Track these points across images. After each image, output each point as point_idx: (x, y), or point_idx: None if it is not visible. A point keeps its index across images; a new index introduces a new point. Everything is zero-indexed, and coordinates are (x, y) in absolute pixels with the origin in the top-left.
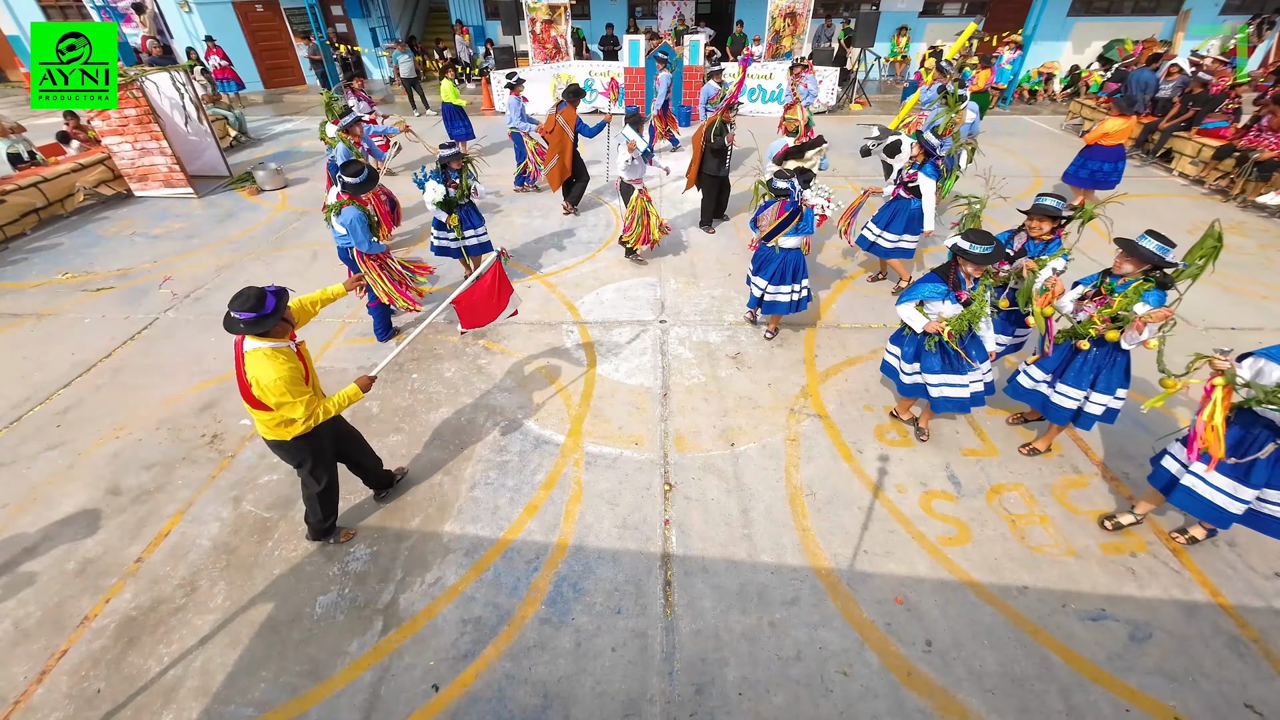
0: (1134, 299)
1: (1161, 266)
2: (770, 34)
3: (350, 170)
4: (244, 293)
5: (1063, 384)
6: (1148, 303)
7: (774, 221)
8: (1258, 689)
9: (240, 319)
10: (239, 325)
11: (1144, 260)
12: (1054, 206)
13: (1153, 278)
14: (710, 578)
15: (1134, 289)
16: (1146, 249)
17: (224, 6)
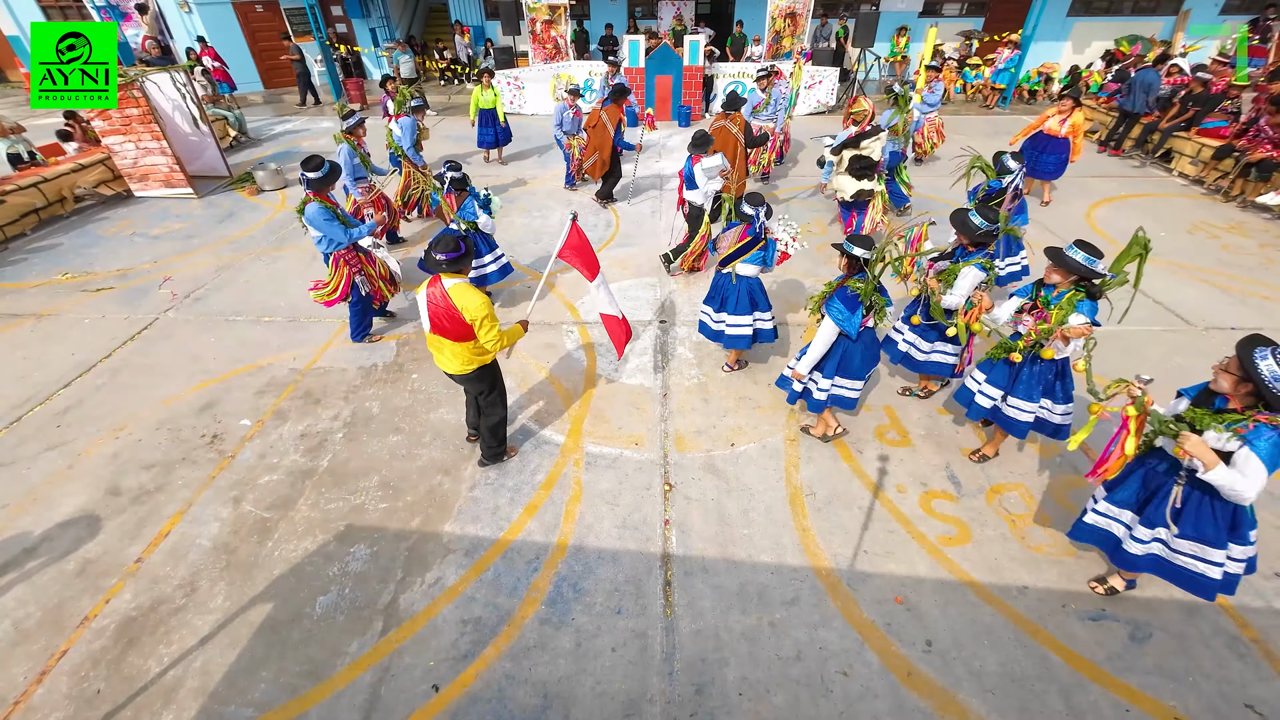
0: (1068, 310)
1: (1089, 278)
2: (770, 34)
3: (310, 165)
4: (443, 238)
5: (1014, 397)
6: (1081, 313)
7: (733, 245)
8: (1258, 689)
9: (443, 259)
10: (441, 265)
11: (1071, 271)
12: (976, 222)
13: (1083, 288)
14: (710, 578)
15: (1067, 300)
16: (1073, 260)
17: (224, 7)
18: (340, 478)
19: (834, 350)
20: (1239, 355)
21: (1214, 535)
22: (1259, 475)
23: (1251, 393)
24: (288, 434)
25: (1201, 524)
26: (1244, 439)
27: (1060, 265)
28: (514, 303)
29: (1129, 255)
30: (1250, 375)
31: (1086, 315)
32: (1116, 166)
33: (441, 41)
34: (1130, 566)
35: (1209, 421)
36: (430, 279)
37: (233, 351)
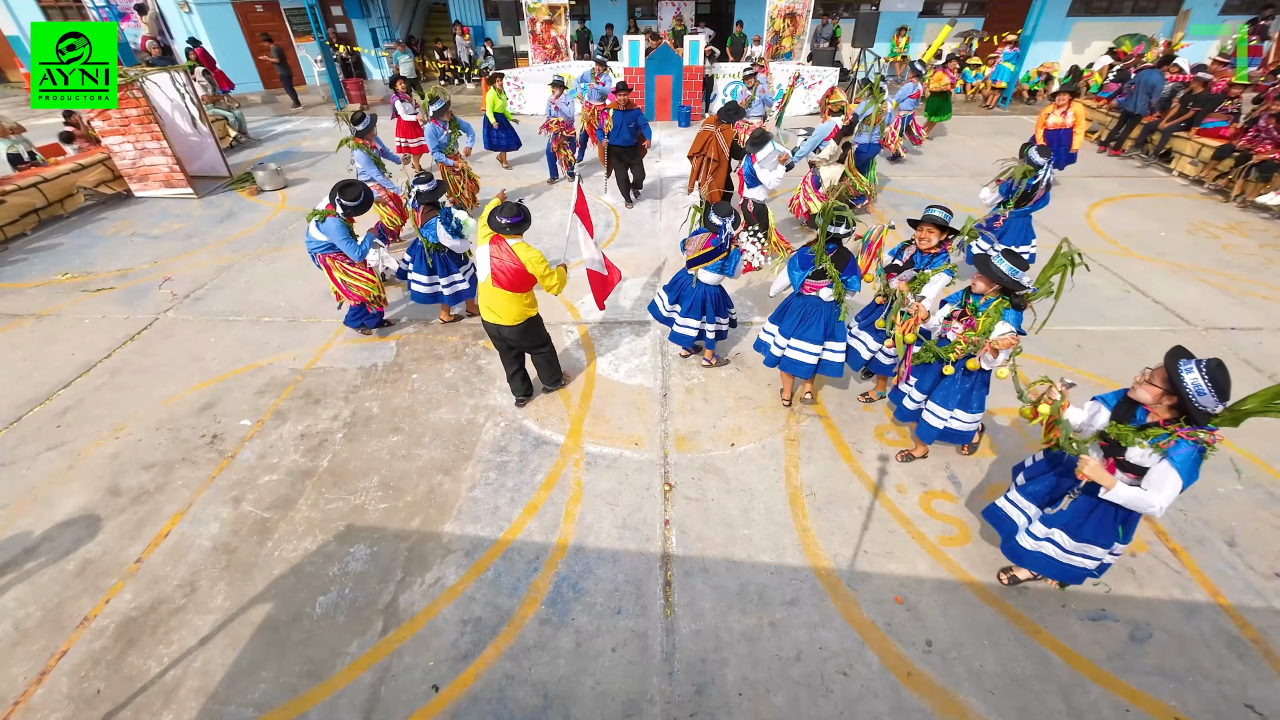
0: (994, 319)
1: (1012, 289)
2: (770, 34)
3: (349, 195)
4: (508, 205)
5: (932, 401)
6: (1007, 322)
7: (698, 251)
8: (1258, 689)
9: (507, 223)
10: (505, 228)
11: (995, 280)
12: (942, 217)
13: (1008, 297)
14: (710, 578)
15: (994, 308)
16: (997, 269)
17: (224, 7)
18: (340, 478)
19: (790, 308)
20: (1166, 367)
21: (1107, 539)
22: (1174, 490)
23: (1174, 405)
24: (288, 434)
25: (1101, 530)
26: (1165, 454)
27: (985, 273)
28: None
29: (1054, 266)
30: (1175, 388)
31: (1011, 324)
32: (1116, 166)
33: (441, 41)
34: (1017, 560)
35: (1133, 438)
36: (493, 237)
37: (233, 351)
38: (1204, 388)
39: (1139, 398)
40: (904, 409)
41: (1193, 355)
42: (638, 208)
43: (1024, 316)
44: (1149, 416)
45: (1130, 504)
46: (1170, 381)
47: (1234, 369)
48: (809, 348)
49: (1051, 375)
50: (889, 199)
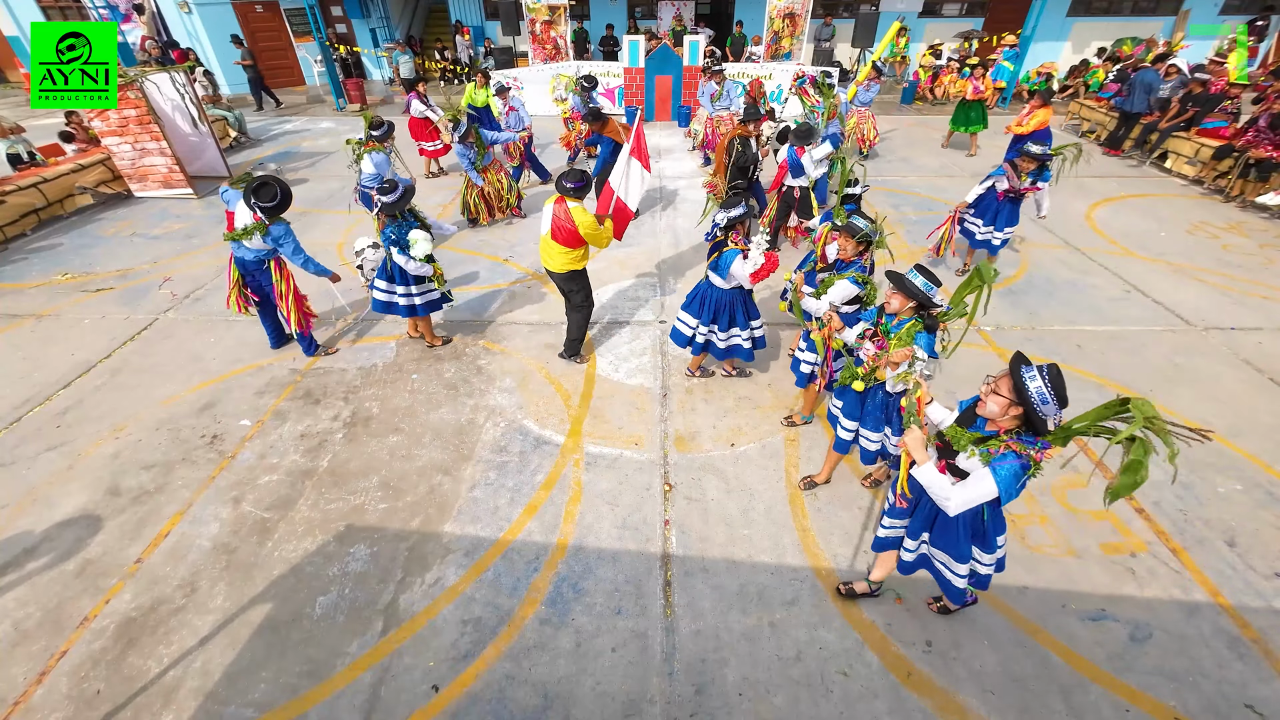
0: (906, 341)
1: (926, 305)
2: (769, 34)
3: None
4: (572, 171)
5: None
6: (918, 345)
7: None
8: (1258, 689)
9: (570, 186)
10: (569, 190)
11: (909, 295)
12: (860, 226)
13: (921, 318)
14: (710, 578)
15: (906, 330)
16: (912, 284)
17: (224, 7)
18: (340, 478)
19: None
20: (1011, 375)
21: (958, 550)
22: (980, 495)
23: (1019, 416)
24: (287, 434)
25: (948, 537)
26: (989, 463)
27: (900, 289)
28: (513, 304)
29: (969, 286)
30: (1021, 397)
31: (923, 347)
32: (1116, 167)
33: (441, 42)
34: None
35: (965, 443)
36: (557, 198)
37: (233, 351)
38: (1046, 395)
39: (987, 412)
40: (841, 440)
41: (1032, 362)
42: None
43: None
44: (988, 425)
45: (929, 487)
46: (1016, 390)
47: (1234, 369)
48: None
49: None
50: (889, 199)
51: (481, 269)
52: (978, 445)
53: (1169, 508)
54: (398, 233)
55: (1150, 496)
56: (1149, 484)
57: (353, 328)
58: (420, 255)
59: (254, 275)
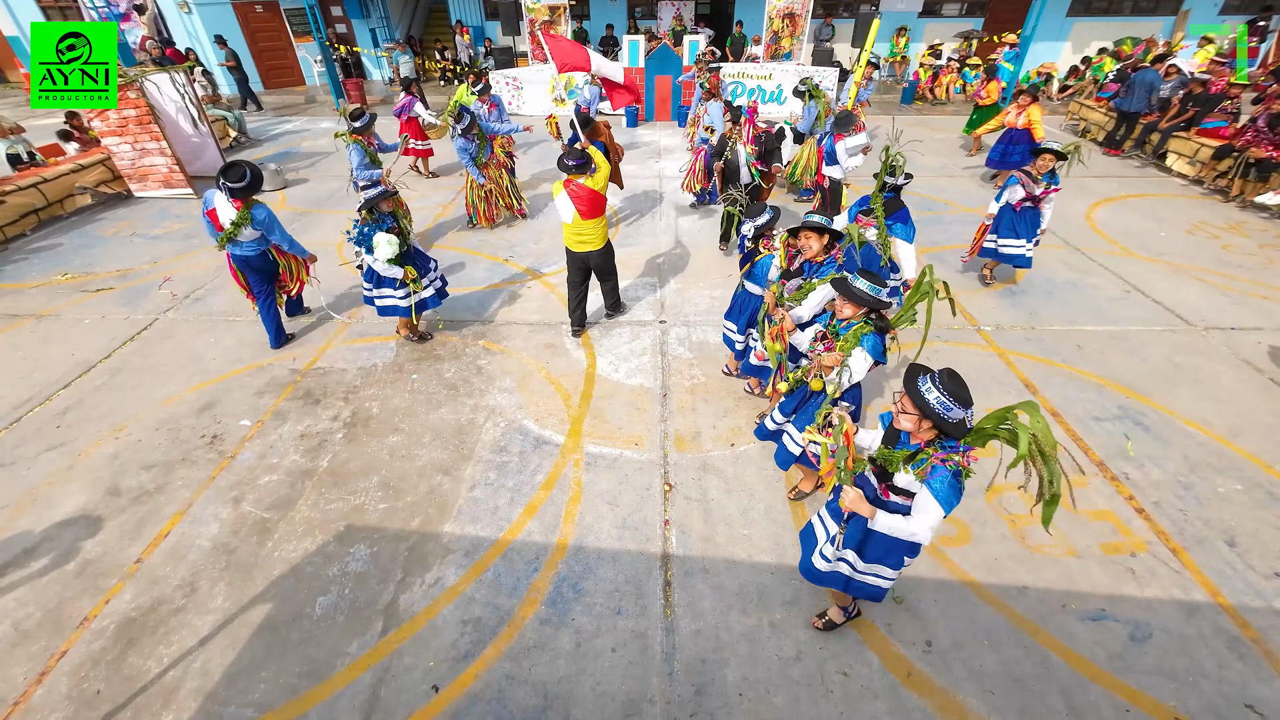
0: (853, 343)
1: (874, 308)
2: (769, 34)
3: (232, 175)
4: (571, 150)
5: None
6: (864, 348)
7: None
8: (1258, 689)
9: (572, 164)
10: (571, 168)
11: (858, 302)
12: (820, 221)
13: (871, 321)
14: (710, 578)
15: (853, 334)
16: (855, 289)
17: (224, 7)
18: (340, 478)
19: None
20: (907, 391)
21: (895, 560)
22: (934, 517)
23: (934, 427)
24: (287, 434)
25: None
26: (924, 481)
27: (845, 295)
28: (513, 304)
29: (917, 294)
30: (923, 410)
31: (869, 351)
32: (1116, 167)
33: (441, 42)
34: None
35: (897, 463)
36: (565, 181)
37: (232, 352)
38: (947, 403)
39: (902, 427)
40: (763, 427)
41: (927, 370)
42: (638, 207)
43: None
44: (912, 439)
45: (894, 533)
46: (917, 406)
47: (1234, 369)
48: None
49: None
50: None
51: (481, 269)
52: (908, 462)
53: (1169, 508)
54: (362, 233)
55: (1150, 496)
56: (1149, 484)
57: (352, 328)
58: (383, 257)
59: (258, 271)
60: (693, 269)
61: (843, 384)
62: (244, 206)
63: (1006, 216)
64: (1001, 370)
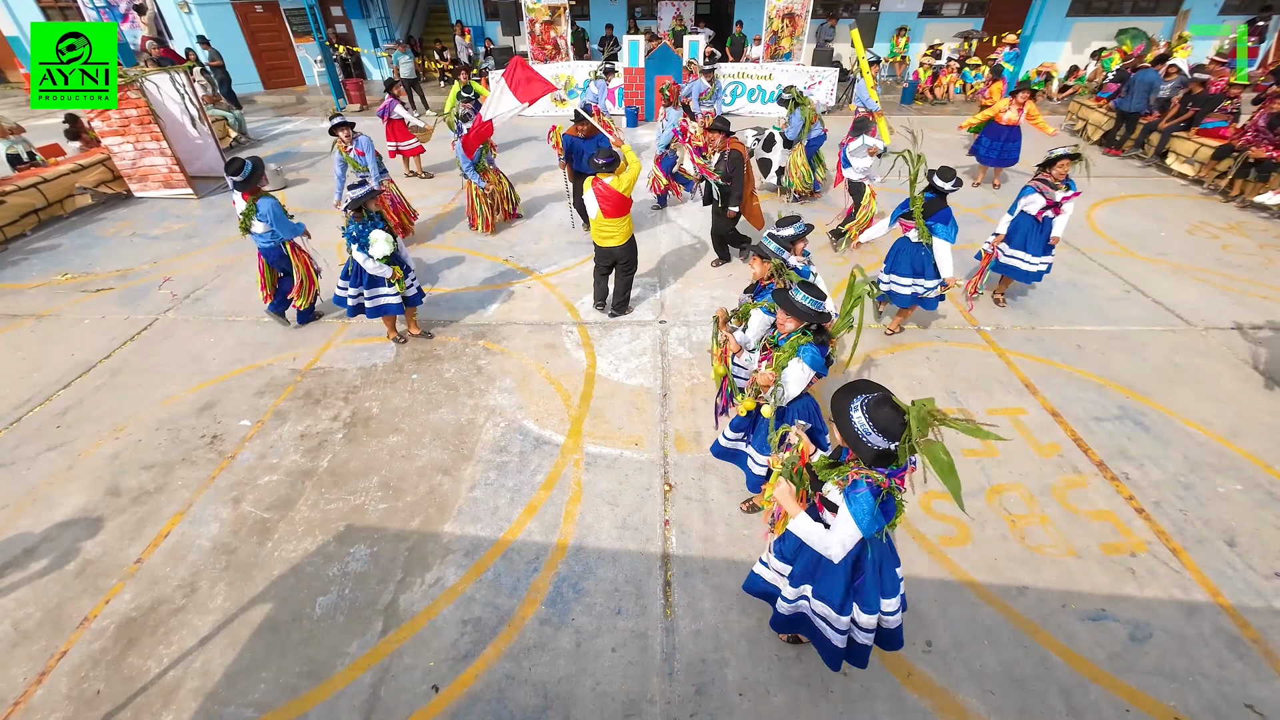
0: (789, 354)
1: (812, 321)
2: (768, 34)
3: (231, 169)
4: (600, 149)
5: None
6: (803, 360)
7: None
8: (1258, 689)
9: (602, 163)
10: (601, 166)
11: (796, 315)
12: (771, 249)
13: (809, 331)
14: (710, 578)
15: (789, 345)
16: (793, 301)
17: (224, 7)
18: (340, 478)
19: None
20: (833, 405)
21: (835, 598)
22: (848, 535)
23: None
24: (287, 434)
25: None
26: (844, 493)
27: (785, 308)
28: (513, 304)
29: (850, 300)
30: (841, 429)
31: (806, 363)
32: (1116, 167)
33: (441, 42)
34: (777, 627)
35: (827, 474)
36: (592, 180)
37: (232, 352)
38: (867, 428)
39: (836, 440)
40: (717, 444)
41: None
42: (637, 207)
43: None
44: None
45: (808, 539)
46: (838, 425)
47: (1235, 369)
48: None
49: (1042, 379)
50: (889, 199)
51: (481, 269)
52: (830, 469)
53: (1169, 508)
54: (359, 230)
55: (1150, 496)
56: (1149, 484)
57: (352, 328)
58: (379, 255)
59: (278, 265)
60: (693, 269)
61: (782, 400)
62: (251, 198)
63: (1024, 226)
64: (1002, 370)
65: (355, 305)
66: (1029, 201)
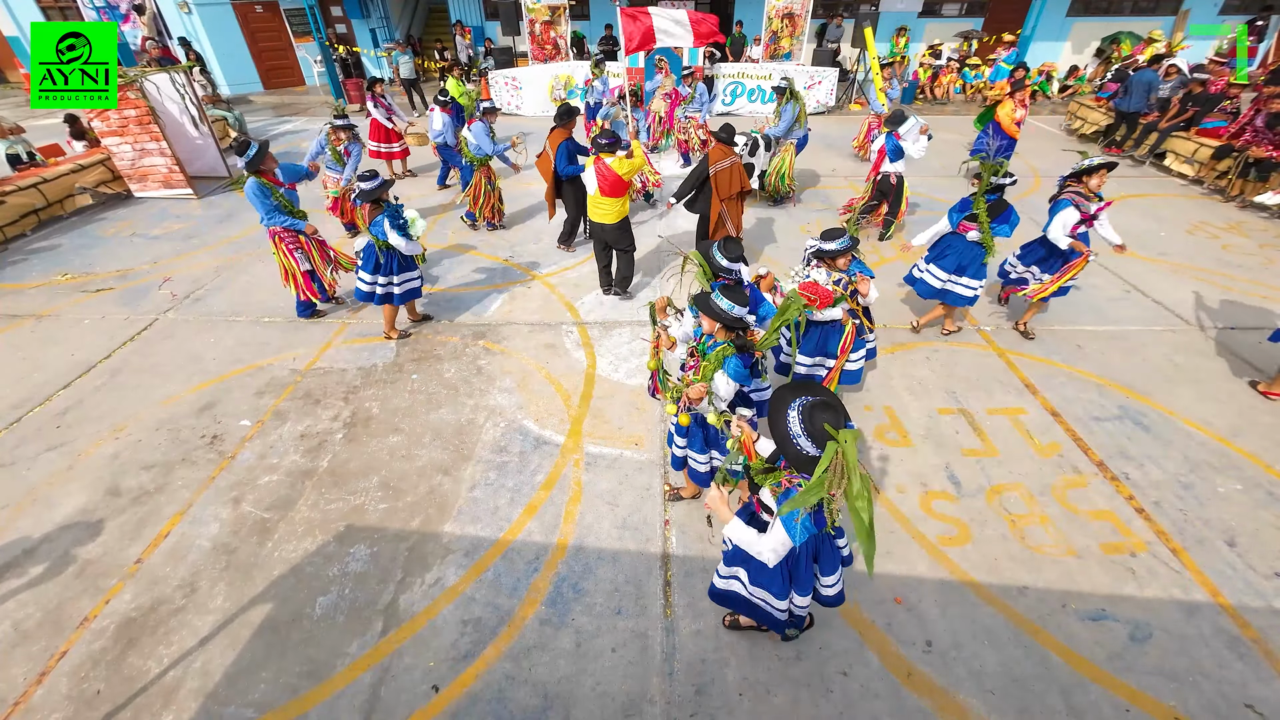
0: (715, 365)
1: (733, 327)
2: (768, 34)
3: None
4: (604, 132)
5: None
6: (726, 371)
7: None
8: (1258, 689)
9: (604, 143)
10: (604, 147)
11: (714, 318)
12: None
13: (733, 342)
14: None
15: (715, 355)
16: (714, 306)
17: (223, 8)
18: (340, 478)
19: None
20: (771, 406)
21: (774, 588)
22: (777, 542)
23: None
24: (287, 434)
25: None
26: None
27: (705, 311)
28: (513, 304)
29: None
30: (774, 430)
31: (730, 375)
32: (1116, 166)
33: (441, 42)
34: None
35: (763, 478)
36: (595, 158)
37: (232, 352)
38: (797, 432)
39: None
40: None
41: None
42: (637, 206)
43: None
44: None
45: (742, 545)
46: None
47: (1235, 369)
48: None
49: (1043, 378)
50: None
51: (481, 269)
52: (764, 474)
53: (1169, 508)
54: (393, 217)
55: (1150, 496)
56: (1149, 484)
57: (352, 328)
58: (418, 234)
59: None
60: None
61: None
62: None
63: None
64: (1001, 370)
65: (384, 294)
66: (1067, 215)
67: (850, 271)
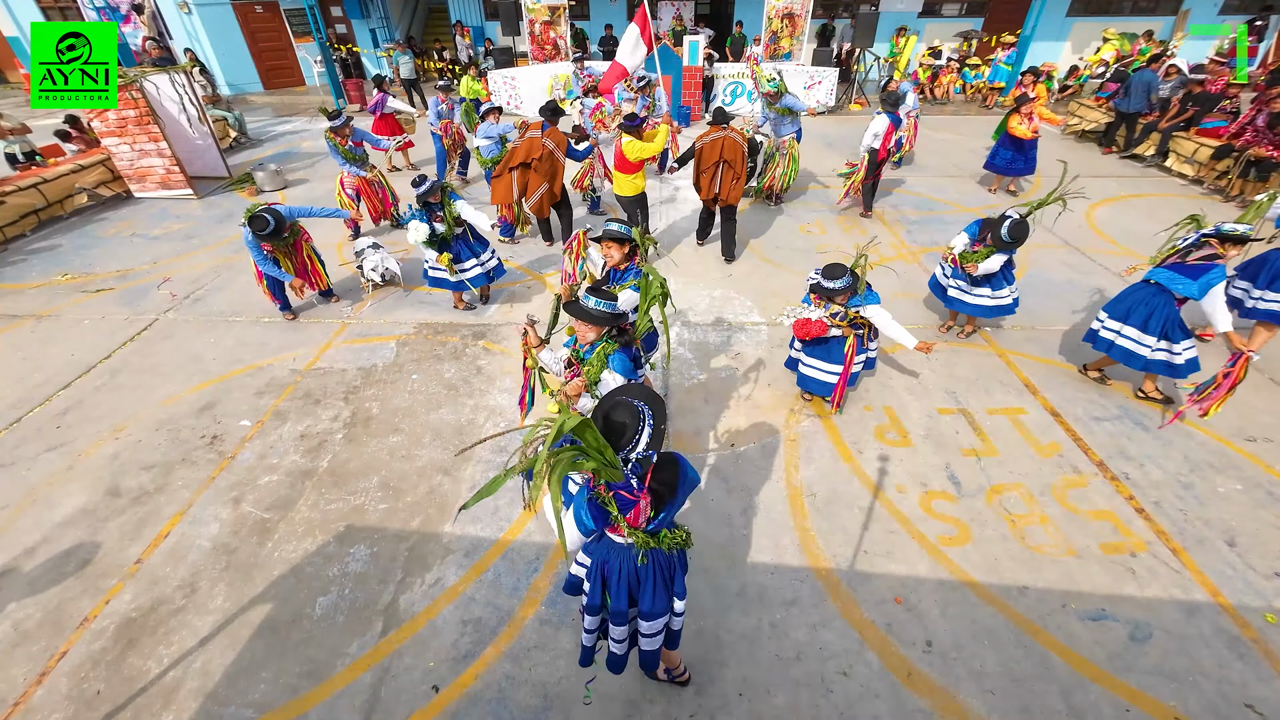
0: (599, 366)
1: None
2: (768, 34)
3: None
4: (629, 115)
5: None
6: (614, 369)
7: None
8: (1258, 689)
9: (624, 125)
10: (623, 128)
11: (594, 322)
12: (621, 231)
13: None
14: (710, 578)
15: (597, 355)
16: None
17: (223, 8)
18: (340, 478)
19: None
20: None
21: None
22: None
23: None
24: (287, 435)
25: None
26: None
27: (583, 318)
28: (513, 304)
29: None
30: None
31: (619, 371)
32: (1116, 166)
33: (441, 42)
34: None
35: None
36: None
37: (232, 352)
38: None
39: None
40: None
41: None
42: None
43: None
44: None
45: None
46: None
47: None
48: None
49: (1063, 373)
50: (890, 200)
51: None
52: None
53: (1169, 508)
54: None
55: (1150, 496)
56: (1149, 484)
57: (352, 328)
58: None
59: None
60: (693, 269)
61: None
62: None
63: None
64: (1001, 370)
65: (483, 273)
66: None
67: (858, 303)
